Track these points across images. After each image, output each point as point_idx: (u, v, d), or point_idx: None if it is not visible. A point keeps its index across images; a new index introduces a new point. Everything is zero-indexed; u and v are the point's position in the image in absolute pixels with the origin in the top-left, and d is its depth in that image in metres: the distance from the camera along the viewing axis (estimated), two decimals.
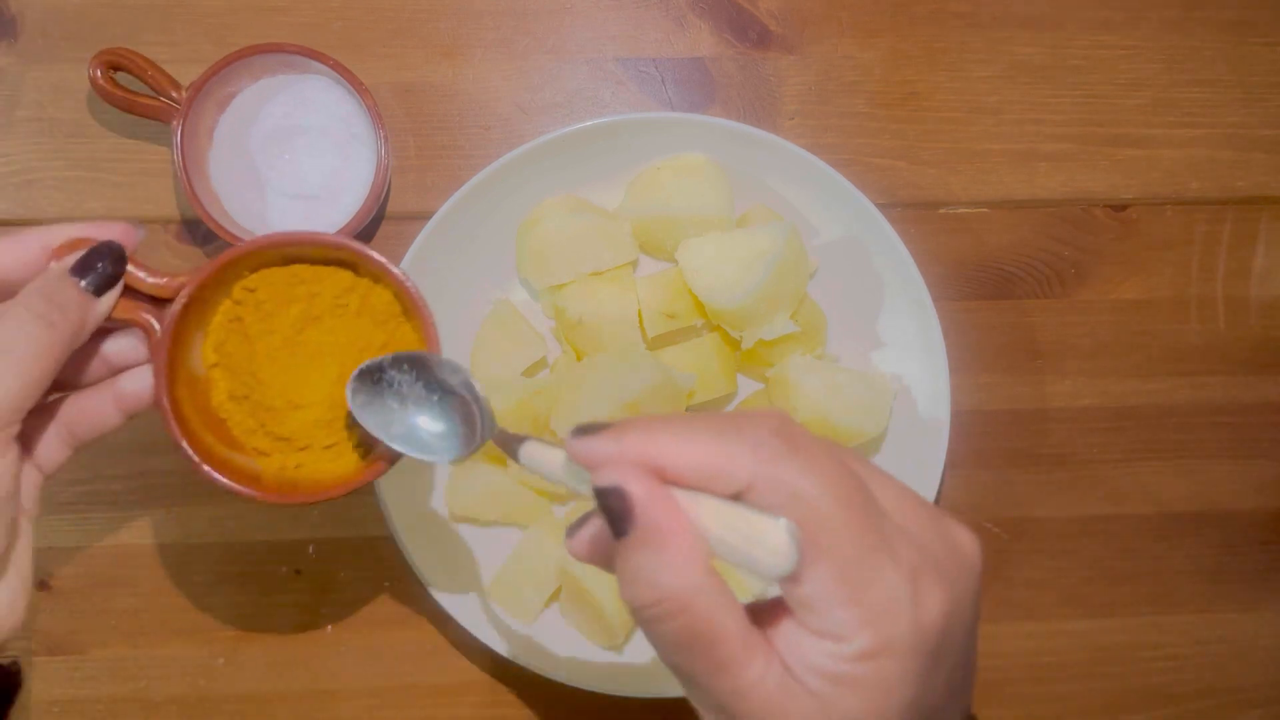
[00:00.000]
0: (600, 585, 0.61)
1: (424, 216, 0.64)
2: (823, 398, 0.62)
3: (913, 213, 0.70)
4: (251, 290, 0.50)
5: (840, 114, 0.71)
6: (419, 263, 0.63)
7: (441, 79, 0.70)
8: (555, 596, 0.65)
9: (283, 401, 0.50)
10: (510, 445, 0.42)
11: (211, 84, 0.63)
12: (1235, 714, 0.70)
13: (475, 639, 0.62)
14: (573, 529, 0.39)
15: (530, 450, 0.41)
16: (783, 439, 0.34)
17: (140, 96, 0.64)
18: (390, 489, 0.63)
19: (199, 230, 0.68)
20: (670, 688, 0.63)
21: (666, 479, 0.35)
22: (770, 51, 0.71)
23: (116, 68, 0.63)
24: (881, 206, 0.64)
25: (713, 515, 0.34)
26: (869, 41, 0.71)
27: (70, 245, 0.45)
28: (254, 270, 0.50)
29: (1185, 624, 0.70)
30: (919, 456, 0.65)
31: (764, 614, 0.35)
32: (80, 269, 0.44)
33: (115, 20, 0.68)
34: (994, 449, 0.70)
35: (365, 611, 0.67)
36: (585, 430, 0.36)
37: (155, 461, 0.67)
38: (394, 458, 0.49)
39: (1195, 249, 0.71)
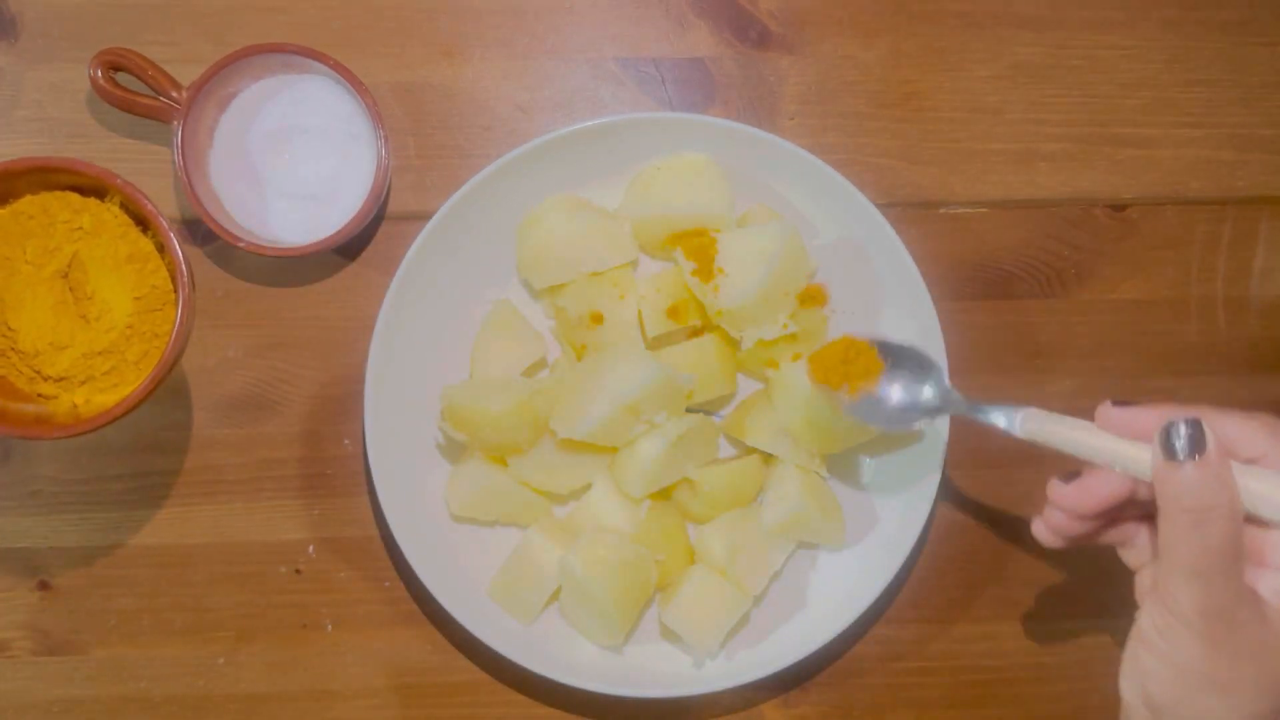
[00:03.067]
0: (600, 586, 0.61)
1: (424, 216, 0.64)
2: (822, 398, 0.62)
3: (913, 213, 0.70)
4: None
5: (840, 114, 0.71)
6: (419, 263, 0.64)
7: (441, 79, 0.70)
8: (555, 596, 0.65)
9: (44, 345, 0.51)
10: (994, 416, 0.52)
11: (211, 84, 0.63)
12: None
13: (475, 639, 0.62)
14: (1069, 478, 0.49)
15: (1034, 421, 0.50)
16: None
17: (140, 96, 0.64)
18: (390, 489, 0.63)
19: (199, 230, 0.68)
20: (670, 688, 0.63)
21: None
22: (770, 51, 0.71)
23: (116, 68, 0.63)
24: (881, 206, 0.64)
25: (1235, 467, 0.44)
26: (869, 41, 0.71)
27: None
28: None
29: None
30: (919, 456, 0.65)
31: None
32: None
33: (115, 20, 0.68)
34: (994, 449, 0.70)
35: (365, 611, 0.67)
36: (1122, 402, 0.48)
37: (155, 461, 0.67)
38: (159, 378, 0.50)
39: (1195, 249, 0.71)
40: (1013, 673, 0.69)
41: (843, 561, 0.66)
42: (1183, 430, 0.44)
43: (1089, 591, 0.70)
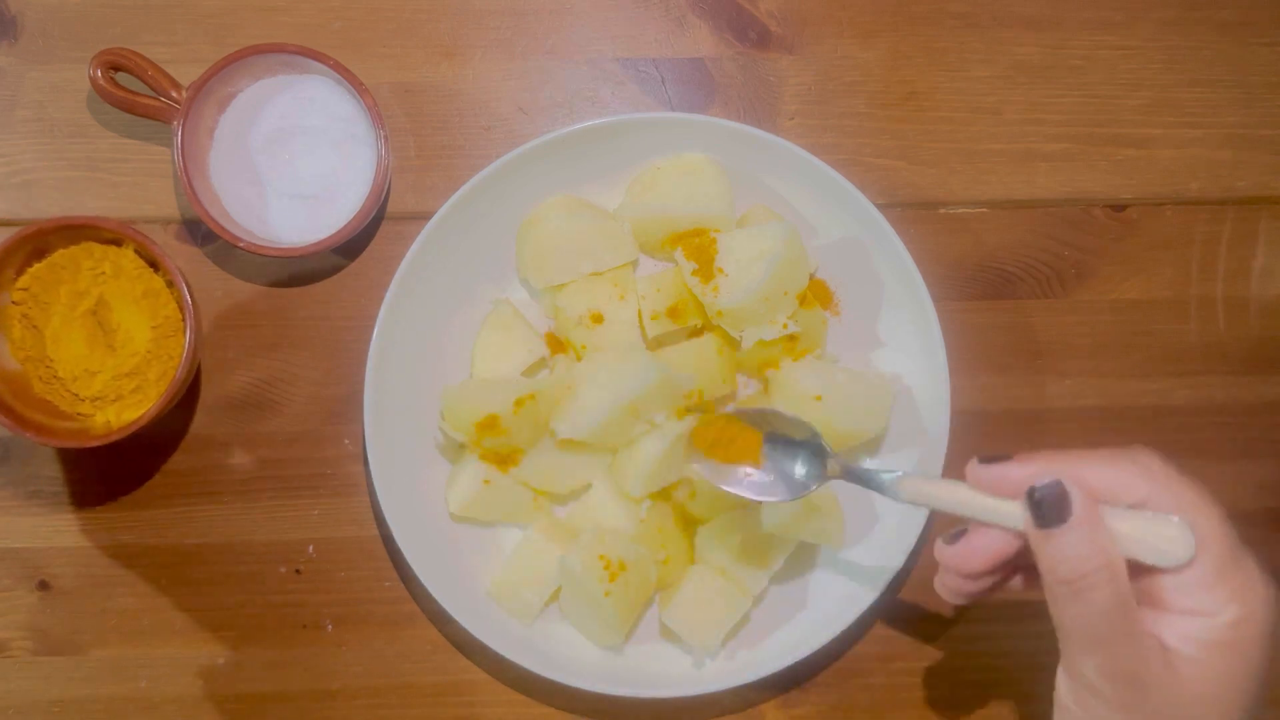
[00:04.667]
0: (599, 586, 0.61)
1: (424, 216, 0.64)
2: (823, 398, 0.62)
3: (913, 213, 0.70)
4: (25, 289, 0.61)
5: (840, 114, 0.71)
6: (419, 263, 0.64)
7: (441, 79, 0.70)
8: (555, 596, 0.65)
9: (80, 371, 0.61)
10: (876, 482, 0.51)
11: (212, 84, 0.63)
12: None
13: (475, 639, 0.62)
14: (953, 539, 0.47)
15: (912, 486, 0.49)
16: (1167, 464, 0.45)
17: (140, 96, 0.64)
18: (390, 489, 0.63)
19: (199, 230, 0.68)
20: (670, 688, 0.63)
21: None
22: (770, 52, 0.71)
23: (116, 68, 0.63)
24: (881, 206, 0.64)
25: (1112, 515, 0.43)
26: (868, 42, 0.71)
27: None
28: (19, 272, 0.61)
29: None
30: (919, 456, 0.65)
31: None
32: None
33: (115, 20, 0.68)
34: (993, 449, 0.70)
35: (365, 611, 0.67)
36: (990, 459, 0.46)
37: (155, 461, 0.67)
38: (175, 394, 0.60)
39: (1195, 249, 0.71)
40: (1013, 673, 0.69)
41: (843, 561, 0.66)
42: (1047, 493, 0.43)
43: None
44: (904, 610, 0.69)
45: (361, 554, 0.67)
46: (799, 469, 0.56)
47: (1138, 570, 0.43)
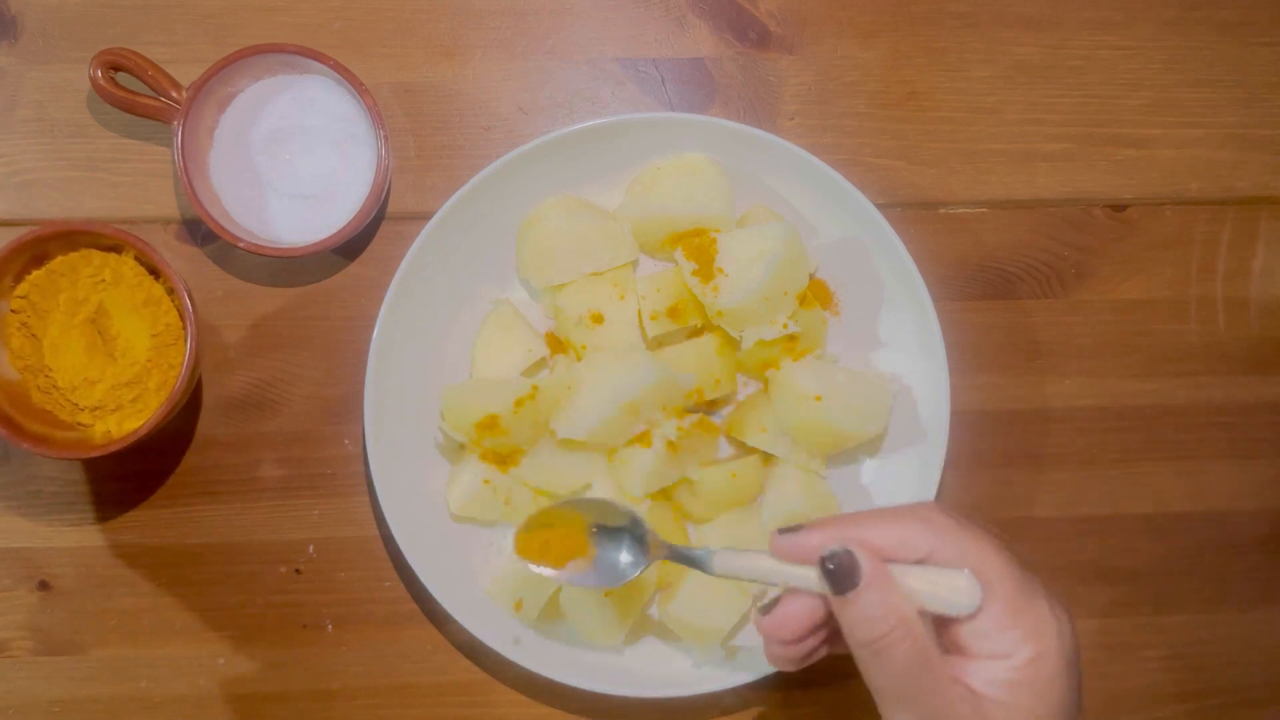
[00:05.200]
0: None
1: (424, 216, 0.64)
2: (823, 398, 0.62)
3: (913, 213, 0.70)
4: (24, 297, 0.60)
5: (840, 114, 0.71)
6: (419, 263, 0.64)
7: (441, 79, 0.70)
8: (555, 596, 0.65)
9: (79, 380, 0.61)
10: (694, 559, 0.52)
11: (212, 84, 0.63)
12: (1235, 714, 0.70)
13: (475, 639, 0.62)
14: (767, 609, 0.49)
15: (725, 560, 0.50)
16: (949, 517, 0.46)
17: (140, 96, 0.64)
18: (390, 489, 0.63)
19: (199, 230, 0.68)
20: (670, 688, 0.63)
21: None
22: (770, 52, 0.71)
23: (116, 68, 0.63)
24: (881, 206, 0.64)
25: (902, 572, 0.45)
26: (868, 42, 0.71)
27: None
28: (17, 279, 0.60)
29: (1185, 624, 0.70)
30: (919, 456, 0.65)
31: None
32: None
33: (115, 20, 0.68)
34: (994, 449, 0.70)
35: (365, 611, 0.67)
36: (787, 530, 0.47)
37: (155, 461, 0.67)
38: (176, 404, 0.60)
39: (1195, 249, 0.71)
40: None
41: None
42: (837, 561, 0.45)
43: (1088, 592, 0.70)
44: None
45: (361, 554, 0.67)
46: (624, 556, 0.56)
47: (942, 622, 0.45)
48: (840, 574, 0.45)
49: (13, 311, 0.60)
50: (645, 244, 0.67)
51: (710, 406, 0.67)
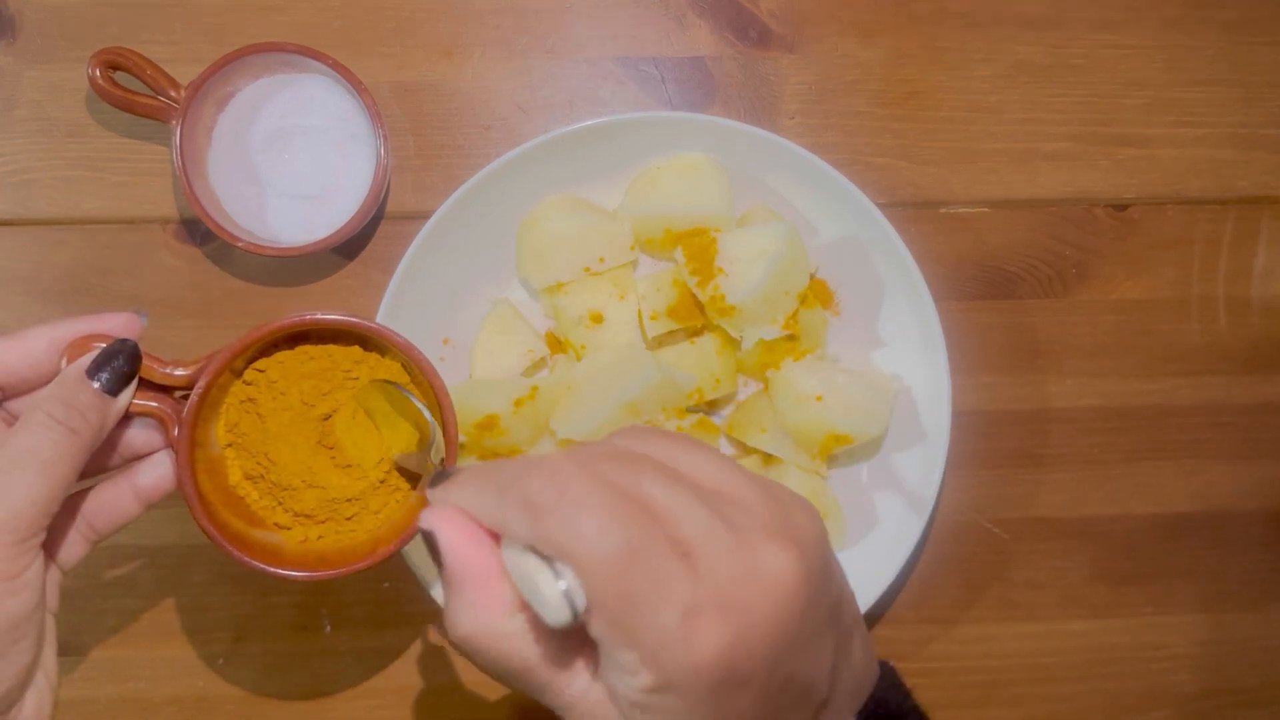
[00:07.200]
0: None
1: (423, 216, 0.64)
2: (823, 398, 0.62)
3: (913, 212, 0.70)
4: (262, 371, 0.51)
5: (840, 113, 0.70)
6: (418, 263, 0.63)
7: (441, 79, 0.69)
8: None
9: (299, 481, 0.51)
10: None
11: (210, 83, 0.63)
12: (1235, 714, 0.70)
13: None
14: None
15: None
16: (554, 490, 0.35)
17: (139, 96, 0.64)
18: None
19: (198, 230, 0.68)
20: None
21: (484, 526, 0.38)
22: (770, 51, 0.71)
23: (115, 67, 0.63)
24: (882, 206, 0.64)
25: (512, 564, 0.36)
26: (869, 41, 0.71)
27: (80, 344, 0.45)
28: (264, 353, 0.51)
29: (1185, 624, 0.70)
30: (919, 457, 0.65)
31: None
32: (95, 370, 0.45)
33: (114, 20, 0.68)
34: (994, 449, 0.70)
35: (365, 611, 0.67)
36: (437, 477, 0.39)
37: None
38: (399, 546, 0.51)
39: (1196, 249, 0.71)
40: (1013, 673, 0.69)
41: (843, 561, 0.66)
42: (429, 542, 0.38)
43: (1090, 592, 0.70)
44: (904, 610, 0.69)
45: None
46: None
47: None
48: (433, 558, 0.38)
49: (244, 383, 0.52)
50: (645, 244, 0.67)
51: (710, 407, 0.67)
